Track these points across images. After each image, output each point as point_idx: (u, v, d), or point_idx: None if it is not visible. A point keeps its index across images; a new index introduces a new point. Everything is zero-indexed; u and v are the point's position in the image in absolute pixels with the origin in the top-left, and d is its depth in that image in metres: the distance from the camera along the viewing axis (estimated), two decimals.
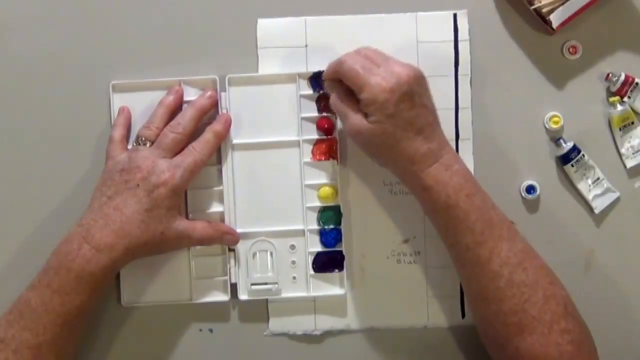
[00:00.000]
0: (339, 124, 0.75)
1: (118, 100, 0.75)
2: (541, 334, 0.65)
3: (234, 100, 0.75)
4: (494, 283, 0.66)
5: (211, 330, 0.76)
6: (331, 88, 0.71)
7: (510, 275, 0.66)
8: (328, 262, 0.75)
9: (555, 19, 0.73)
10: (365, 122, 0.67)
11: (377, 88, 0.65)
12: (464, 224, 0.66)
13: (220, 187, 0.75)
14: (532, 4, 0.74)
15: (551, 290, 0.66)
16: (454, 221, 0.67)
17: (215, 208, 0.75)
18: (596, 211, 0.75)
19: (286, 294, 0.75)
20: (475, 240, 0.66)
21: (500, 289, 0.66)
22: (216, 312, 0.76)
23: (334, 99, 0.70)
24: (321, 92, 0.74)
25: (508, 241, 0.67)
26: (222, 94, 0.75)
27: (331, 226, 0.75)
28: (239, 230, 0.74)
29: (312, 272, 0.75)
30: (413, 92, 0.66)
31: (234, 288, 0.75)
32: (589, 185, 0.75)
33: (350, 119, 0.68)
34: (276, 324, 0.76)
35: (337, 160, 0.75)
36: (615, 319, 0.76)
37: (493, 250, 0.66)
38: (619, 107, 0.75)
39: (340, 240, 0.75)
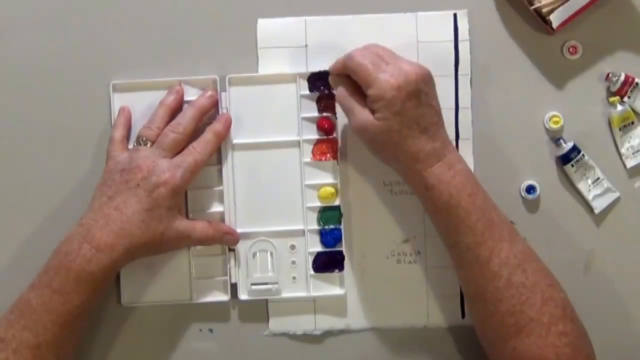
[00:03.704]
0: (339, 124, 0.75)
1: (118, 100, 0.75)
2: (538, 335, 0.65)
3: (234, 100, 0.75)
4: (492, 283, 0.66)
5: (211, 330, 0.76)
6: (337, 83, 0.71)
7: (509, 276, 0.66)
8: (328, 262, 0.75)
9: (555, 19, 0.73)
10: (371, 118, 0.67)
11: (385, 84, 0.65)
12: (464, 223, 0.66)
13: (221, 187, 0.75)
14: (532, 4, 0.74)
15: (550, 292, 0.66)
16: (455, 220, 0.67)
17: (216, 208, 0.75)
18: (596, 211, 0.75)
19: (286, 294, 0.75)
20: (475, 240, 0.66)
21: (498, 289, 0.66)
22: (216, 312, 0.76)
23: (341, 93, 0.70)
24: (322, 92, 0.74)
25: (508, 242, 0.67)
26: (223, 94, 0.75)
27: (331, 226, 0.75)
28: (239, 230, 0.74)
29: (312, 272, 0.75)
30: (420, 90, 0.66)
31: (234, 288, 0.75)
32: (589, 185, 0.75)
33: (357, 114, 0.68)
34: (276, 324, 0.76)
35: (337, 161, 0.75)
36: (615, 318, 0.76)
37: (493, 250, 0.66)
38: (619, 107, 0.75)
39: (340, 240, 0.75)
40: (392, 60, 0.68)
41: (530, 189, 0.76)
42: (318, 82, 0.74)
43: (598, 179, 0.75)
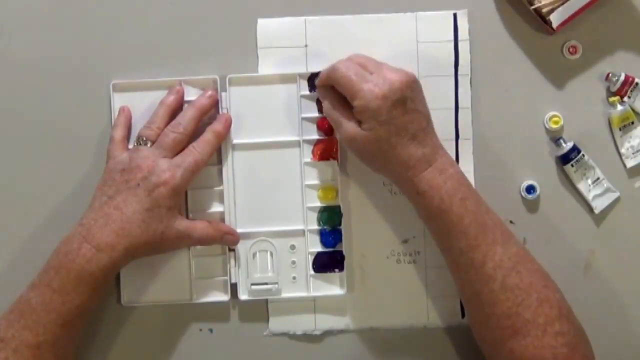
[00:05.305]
0: None
1: (118, 100, 0.75)
2: (535, 336, 0.65)
3: (234, 100, 0.75)
4: (487, 286, 0.66)
5: (211, 330, 0.76)
6: (324, 95, 0.71)
7: (503, 279, 0.66)
8: (328, 262, 0.75)
9: (555, 19, 0.73)
10: (359, 129, 0.67)
11: (369, 95, 0.65)
12: (457, 228, 0.66)
13: (221, 187, 0.75)
14: (532, 4, 0.74)
15: (545, 293, 0.66)
16: (447, 225, 0.67)
17: (216, 208, 0.75)
18: (596, 211, 0.75)
19: (286, 294, 0.75)
20: (468, 244, 0.66)
21: (494, 292, 0.66)
22: (216, 312, 0.76)
23: (327, 107, 0.70)
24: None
25: (502, 245, 0.67)
26: (223, 94, 0.75)
27: (331, 226, 0.75)
28: (239, 230, 0.74)
29: (312, 272, 0.75)
30: (406, 98, 0.66)
31: (234, 288, 0.75)
32: (589, 185, 0.75)
33: (344, 126, 0.68)
34: (276, 324, 0.76)
35: (337, 161, 0.75)
36: (615, 319, 0.76)
37: (487, 254, 0.66)
38: (619, 107, 0.75)
39: (340, 240, 0.75)
40: (376, 69, 0.68)
41: (530, 189, 0.76)
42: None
43: (598, 179, 0.75)
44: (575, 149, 0.75)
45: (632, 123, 0.75)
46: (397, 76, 0.66)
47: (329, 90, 0.70)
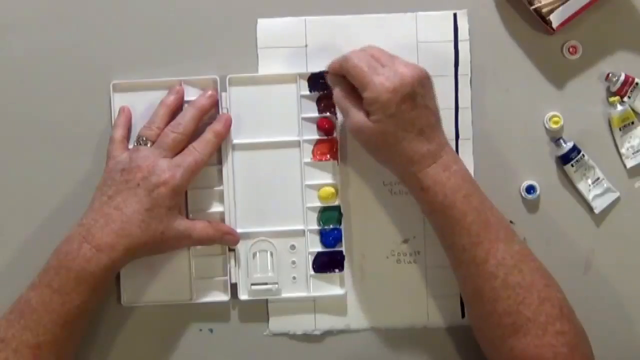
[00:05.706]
0: (339, 124, 0.75)
1: (118, 100, 0.75)
2: (535, 335, 0.65)
3: (234, 100, 0.75)
4: (489, 284, 0.66)
5: (211, 330, 0.76)
6: (335, 82, 0.71)
7: (505, 277, 0.66)
8: (328, 262, 0.75)
9: (555, 19, 0.73)
10: (366, 120, 0.67)
11: (380, 87, 0.65)
12: (460, 224, 0.66)
13: (221, 187, 0.75)
14: (532, 4, 0.74)
15: (547, 292, 0.66)
16: (450, 222, 0.67)
17: (216, 208, 0.75)
18: (596, 211, 0.75)
19: (286, 294, 0.75)
20: (471, 241, 0.66)
21: (495, 289, 0.66)
22: (216, 312, 0.76)
23: (337, 94, 0.70)
24: (322, 92, 0.74)
25: (504, 243, 0.67)
26: (223, 94, 0.75)
27: (331, 226, 0.75)
28: (239, 230, 0.74)
29: (312, 272, 0.75)
30: (416, 93, 0.66)
31: (234, 288, 0.75)
32: (589, 185, 0.75)
33: (352, 116, 0.68)
34: (276, 324, 0.76)
35: (338, 161, 0.75)
36: (615, 319, 0.76)
37: (489, 251, 0.66)
38: (619, 107, 0.75)
39: (340, 240, 0.75)
40: (389, 62, 0.68)
41: (530, 189, 0.76)
42: (318, 82, 0.74)
43: (598, 179, 0.75)
44: (575, 149, 0.75)
45: (632, 123, 0.75)
46: (409, 71, 0.66)
47: (340, 78, 0.70)
